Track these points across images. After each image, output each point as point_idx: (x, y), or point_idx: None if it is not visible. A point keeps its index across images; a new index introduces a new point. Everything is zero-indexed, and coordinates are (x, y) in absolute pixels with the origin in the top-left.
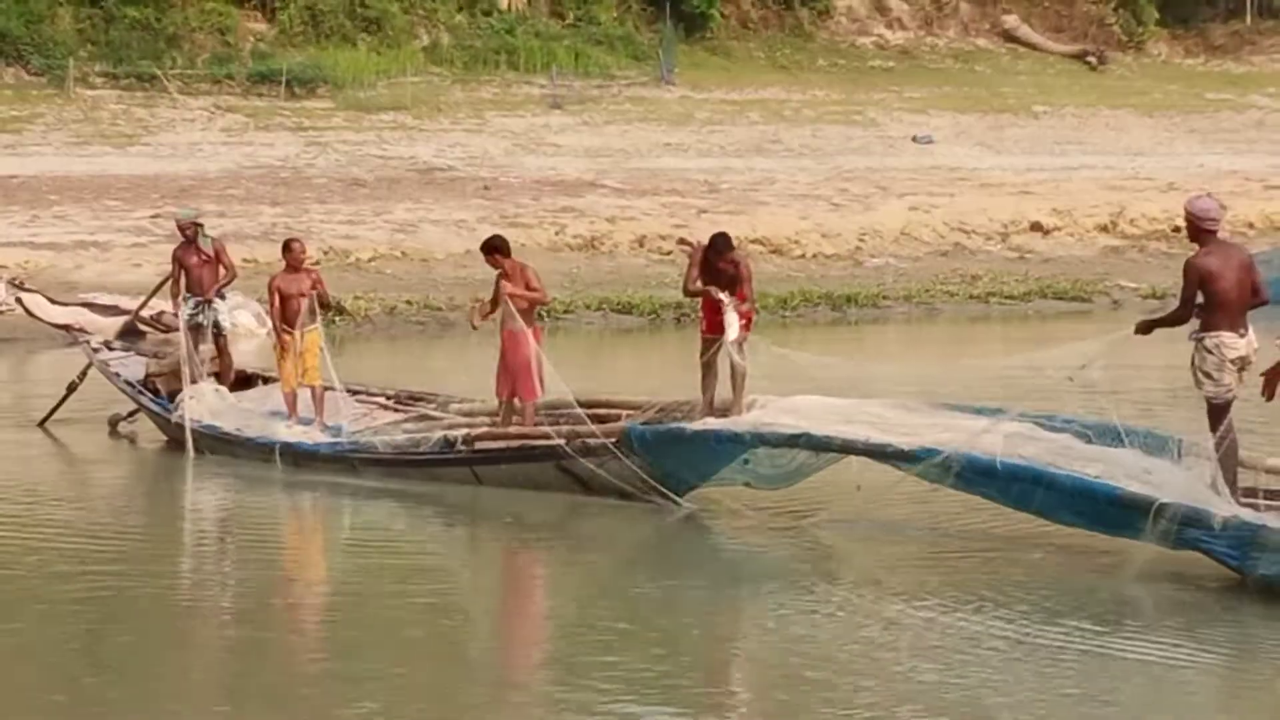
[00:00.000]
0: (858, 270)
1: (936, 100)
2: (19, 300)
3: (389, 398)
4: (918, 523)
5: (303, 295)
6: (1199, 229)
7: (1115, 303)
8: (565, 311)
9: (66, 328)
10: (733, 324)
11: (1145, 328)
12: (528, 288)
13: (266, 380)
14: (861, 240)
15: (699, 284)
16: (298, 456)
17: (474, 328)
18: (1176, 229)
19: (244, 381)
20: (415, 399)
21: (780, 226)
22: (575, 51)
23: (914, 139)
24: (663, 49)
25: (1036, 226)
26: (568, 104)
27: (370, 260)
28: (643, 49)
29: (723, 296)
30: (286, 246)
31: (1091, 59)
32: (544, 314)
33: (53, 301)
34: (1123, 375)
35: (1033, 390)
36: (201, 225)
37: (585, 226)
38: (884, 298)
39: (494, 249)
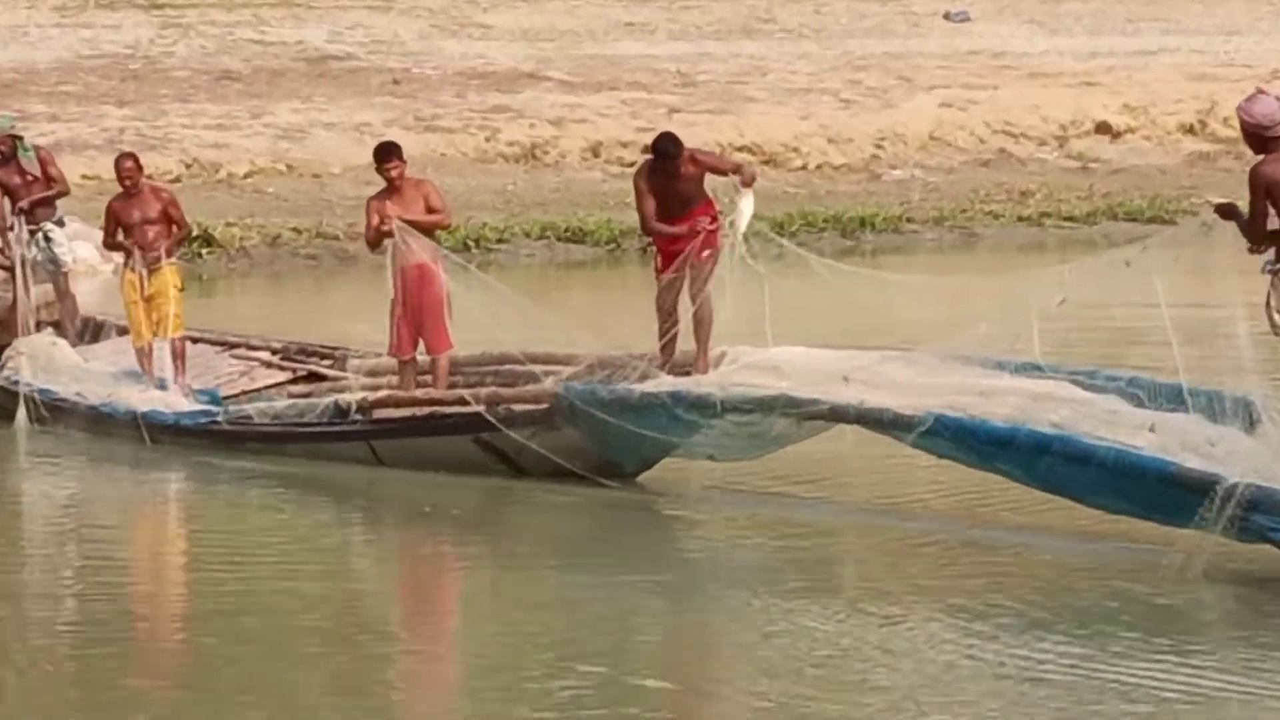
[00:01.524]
0: (874, 186)
1: None
2: None
3: (274, 353)
4: (908, 503)
5: (149, 223)
6: (1261, 137)
7: (1205, 225)
8: (498, 241)
9: None
10: (746, 211)
11: (1227, 211)
12: (428, 209)
13: (122, 331)
14: (879, 147)
15: (654, 221)
16: (153, 429)
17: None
18: None
19: (92, 332)
20: (307, 354)
21: (774, 130)
22: None
23: (946, 16)
24: None
25: (1103, 128)
26: None
27: (246, 176)
28: None
29: (705, 225)
30: (116, 164)
31: None
32: (470, 244)
33: None
34: (1182, 315)
35: (1083, 335)
36: (21, 138)
37: (523, 131)
38: (908, 221)
39: (396, 154)
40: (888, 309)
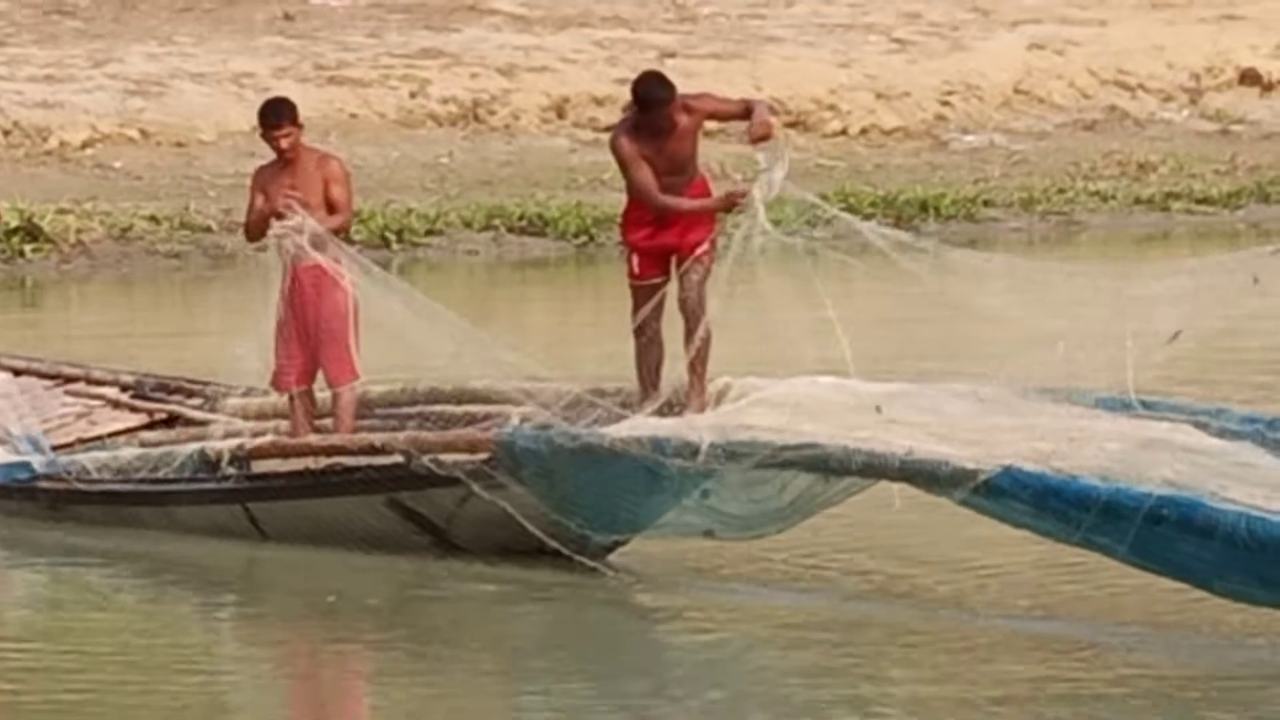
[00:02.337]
0: (940, 157)
1: None
2: None
3: (123, 389)
4: (961, 583)
5: None
6: None
7: None
8: (429, 232)
9: None
10: (776, 178)
11: None
12: (326, 203)
13: None
14: (945, 103)
15: (658, 195)
16: None
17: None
18: None
19: None
20: (168, 391)
21: (803, 81)
22: None
23: None
24: None
25: (1250, 77)
26: None
27: (85, 146)
28: None
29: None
30: None
31: None
32: (390, 236)
33: None
34: None
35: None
36: None
37: (462, 84)
38: (985, 204)
39: (287, 117)
40: (953, 321)
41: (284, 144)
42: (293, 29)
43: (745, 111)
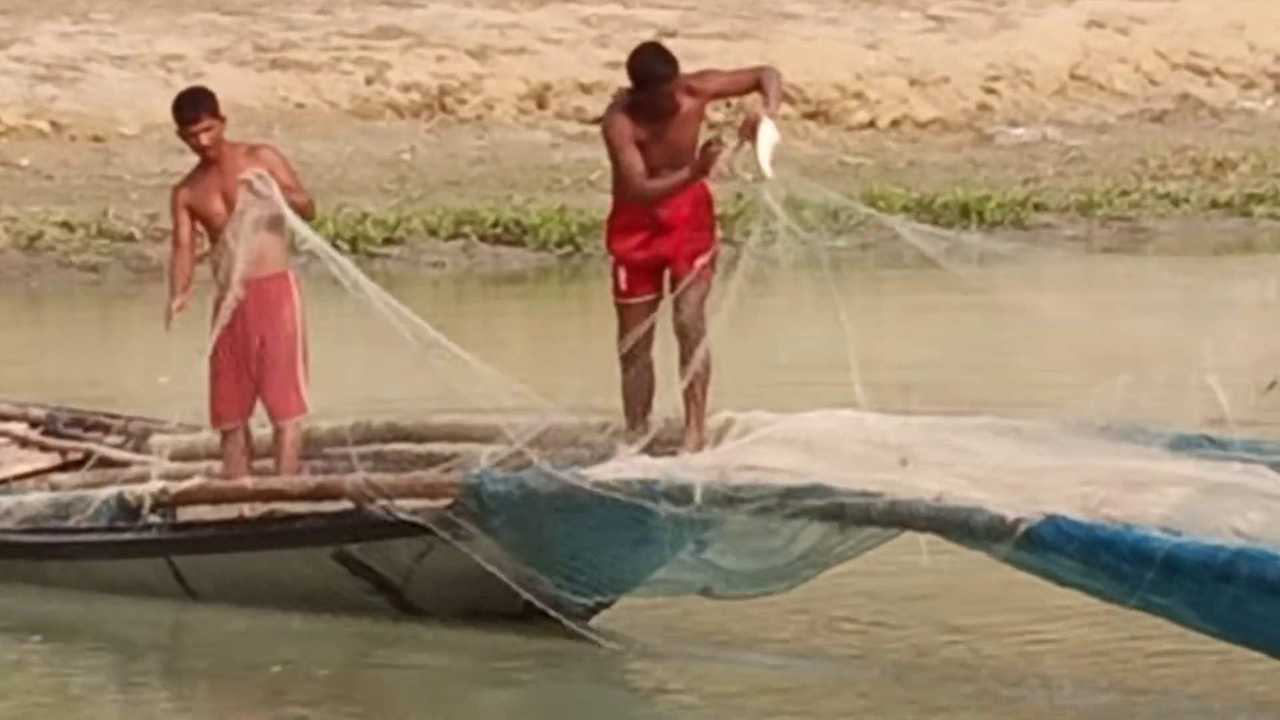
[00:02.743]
0: (984, 152)
1: None
2: None
3: (32, 425)
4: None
5: None
6: None
7: None
8: (387, 240)
9: None
10: (765, 142)
11: None
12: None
13: None
14: (990, 91)
15: (646, 179)
16: None
17: (169, 318)
18: None
19: None
20: (84, 427)
21: (824, 65)
22: None
23: None
24: None
25: None
26: None
27: None
28: None
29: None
30: None
31: None
32: (342, 244)
33: None
34: None
35: None
36: None
37: (427, 68)
38: (1036, 207)
39: (206, 109)
40: (998, 343)
41: (204, 139)
42: (229, 5)
43: (755, 84)
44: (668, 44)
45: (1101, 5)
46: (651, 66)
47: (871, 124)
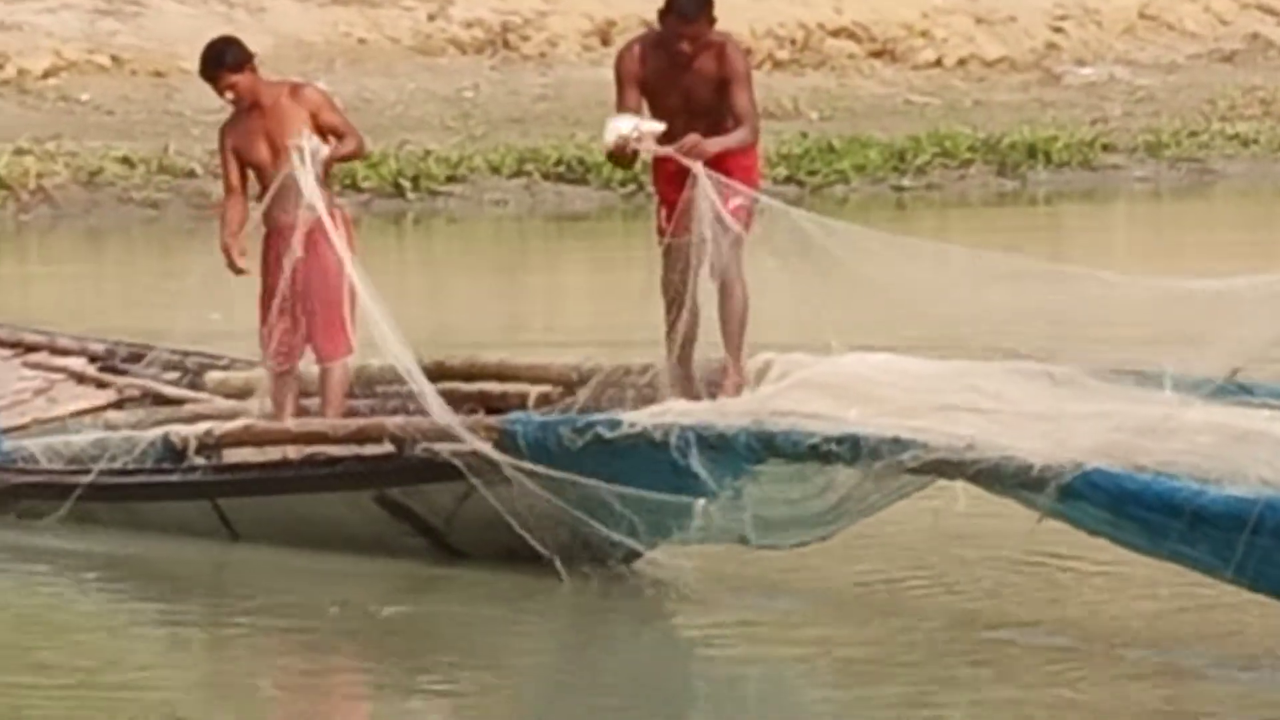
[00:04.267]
0: (1051, 93)
1: None
2: None
3: (92, 360)
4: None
5: None
6: None
7: None
8: (450, 179)
9: None
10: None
11: None
12: (321, 131)
13: None
14: (1058, 30)
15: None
16: None
17: (235, 267)
18: None
19: None
20: (145, 363)
21: (891, 3)
22: None
23: None
24: None
25: None
26: None
27: (47, 75)
28: None
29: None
30: None
31: None
32: (404, 183)
33: None
34: None
35: None
36: None
37: (490, 4)
38: (1105, 148)
39: (227, 64)
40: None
41: (229, 96)
42: None
43: (735, 121)
44: None
45: None
46: (683, 5)
47: (938, 63)
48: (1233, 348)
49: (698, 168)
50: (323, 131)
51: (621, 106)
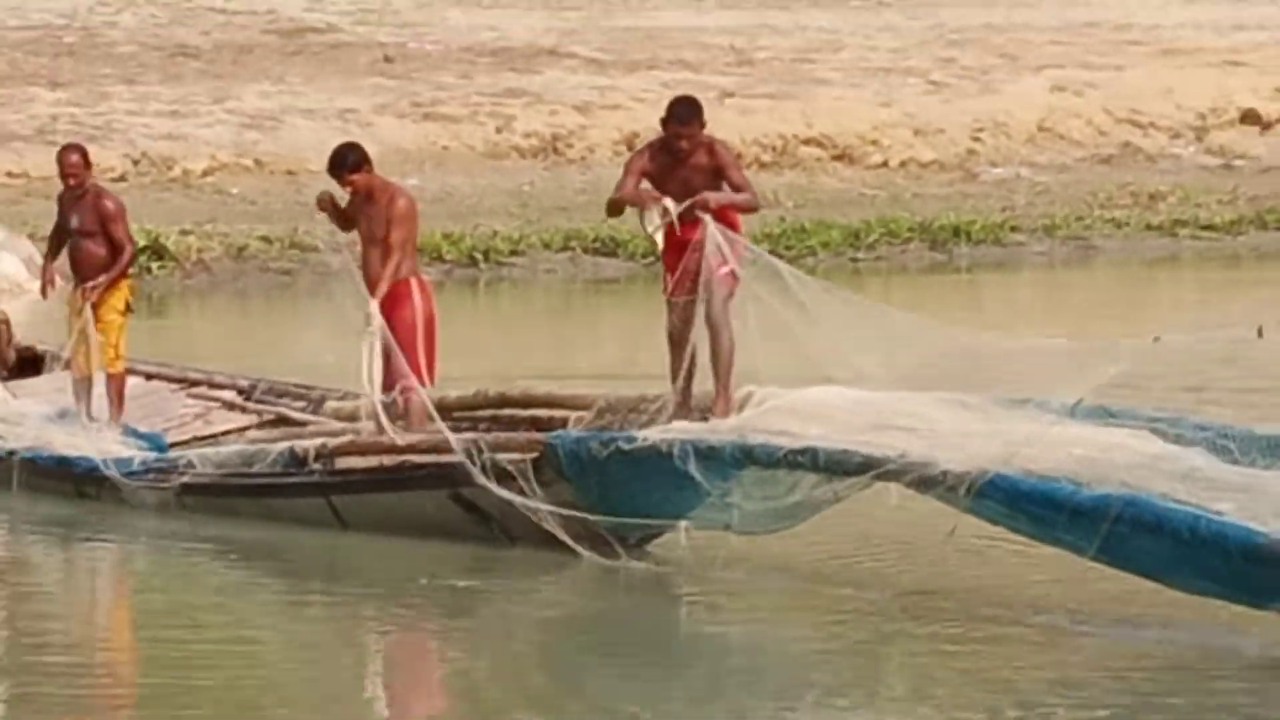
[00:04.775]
0: (971, 187)
1: None
2: None
3: (240, 392)
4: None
5: (85, 235)
6: None
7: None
8: (512, 253)
9: None
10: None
11: None
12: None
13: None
14: (977, 139)
15: (617, 191)
16: (80, 479)
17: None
18: None
19: (32, 365)
20: (277, 395)
21: (849, 118)
22: None
23: None
24: None
25: (1251, 116)
26: None
27: (206, 174)
28: None
29: (668, 204)
30: (58, 157)
31: None
32: (478, 256)
33: None
34: None
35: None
36: None
37: (543, 119)
38: (1012, 229)
39: (349, 165)
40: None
41: (348, 191)
42: (392, 70)
43: (736, 191)
44: (727, 103)
45: (1062, 74)
46: (675, 109)
47: (884, 164)
48: (1081, 385)
49: (706, 218)
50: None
51: (620, 188)
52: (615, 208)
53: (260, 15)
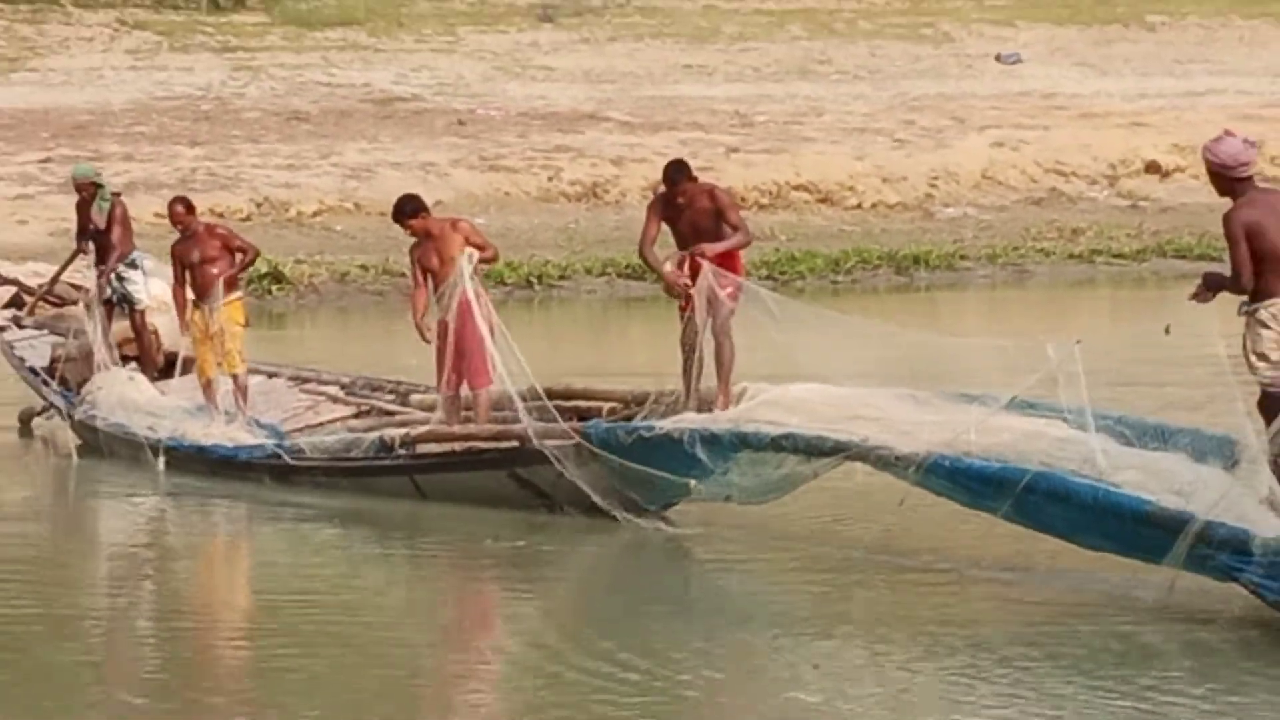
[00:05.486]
0: (928, 224)
1: (1026, 9)
2: None
3: (343, 388)
4: (949, 546)
5: (208, 262)
6: (1228, 179)
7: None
8: (560, 277)
9: None
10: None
11: (1215, 282)
12: (471, 243)
13: None
14: (933, 185)
15: (646, 248)
16: (214, 463)
17: (424, 337)
18: None
19: (172, 367)
20: (372, 389)
21: (830, 169)
22: None
23: (998, 58)
24: None
25: (1153, 167)
26: (561, 16)
27: (315, 215)
28: None
29: (686, 280)
30: (168, 209)
31: None
32: (533, 280)
33: None
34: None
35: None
36: (103, 185)
37: (585, 170)
38: (961, 257)
39: (406, 213)
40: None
41: (409, 232)
42: (464, 131)
43: (733, 229)
44: (732, 157)
45: (1001, 133)
46: (669, 172)
47: (859, 206)
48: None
49: (706, 265)
50: (473, 245)
51: (646, 231)
52: (645, 264)
53: (358, 87)
